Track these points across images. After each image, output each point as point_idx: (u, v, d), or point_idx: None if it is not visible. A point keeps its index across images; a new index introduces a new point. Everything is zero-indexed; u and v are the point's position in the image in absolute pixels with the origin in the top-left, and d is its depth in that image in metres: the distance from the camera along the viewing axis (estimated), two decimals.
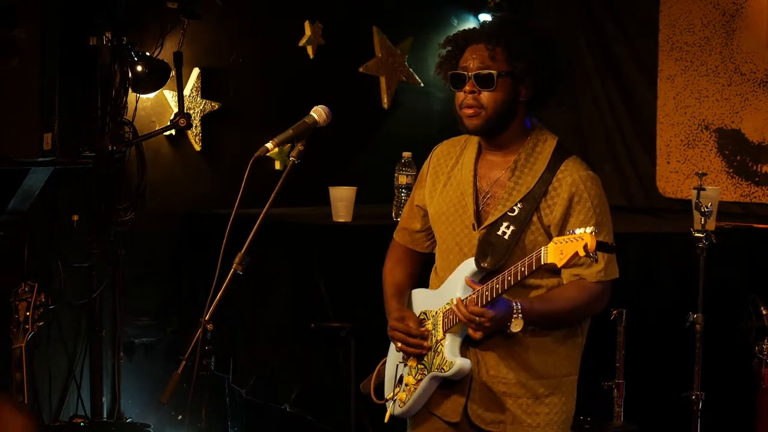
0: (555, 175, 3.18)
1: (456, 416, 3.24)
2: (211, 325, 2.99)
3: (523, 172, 3.21)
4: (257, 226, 2.99)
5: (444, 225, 3.30)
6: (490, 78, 3.18)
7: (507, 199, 3.20)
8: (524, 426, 3.21)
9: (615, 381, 4.53)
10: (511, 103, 3.21)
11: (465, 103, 3.21)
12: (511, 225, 3.15)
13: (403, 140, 5.93)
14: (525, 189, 3.19)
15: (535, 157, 3.23)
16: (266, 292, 5.10)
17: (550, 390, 3.23)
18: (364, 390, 3.52)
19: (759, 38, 5.82)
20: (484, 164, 3.29)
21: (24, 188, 4.82)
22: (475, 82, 3.19)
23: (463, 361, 3.17)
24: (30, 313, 4.45)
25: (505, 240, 3.14)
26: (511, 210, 3.17)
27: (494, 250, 3.14)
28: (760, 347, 4.61)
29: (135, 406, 5.55)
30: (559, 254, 2.90)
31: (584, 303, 3.19)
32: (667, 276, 4.96)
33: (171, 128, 5.53)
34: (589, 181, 3.19)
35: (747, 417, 4.68)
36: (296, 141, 3.07)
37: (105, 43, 5.24)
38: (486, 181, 3.27)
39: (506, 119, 3.22)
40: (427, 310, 3.31)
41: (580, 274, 3.17)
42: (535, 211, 3.16)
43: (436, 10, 6.59)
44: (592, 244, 2.85)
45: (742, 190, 5.88)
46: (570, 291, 3.18)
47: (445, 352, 3.19)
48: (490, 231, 3.18)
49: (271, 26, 5.97)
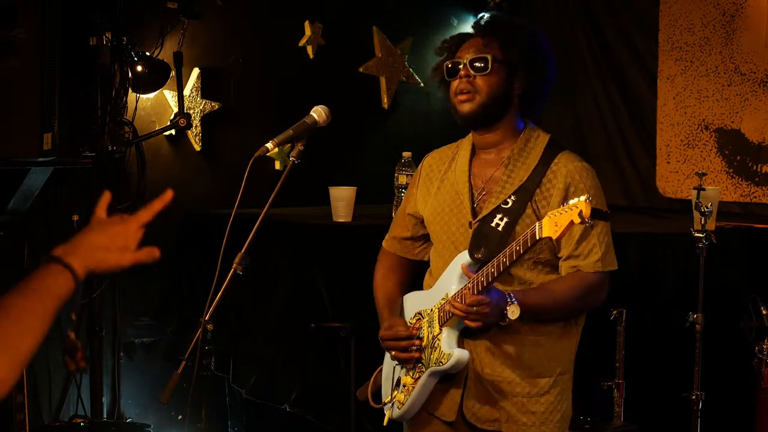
0: (549, 167, 3.19)
1: (452, 414, 3.23)
2: (211, 325, 2.99)
3: (516, 166, 3.22)
4: (257, 226, 2.98)
5: (439, 225, 3.30)
6: (485, 61, 3.19)
7: (500, 191, 3.20)
8: (519, 424, 3.20)
9: (615, 381, 4.52)
10: (504, 90, 3.21)
11: (459, 89, 3.22)
12: (505, 216, 3.15)
13: (403, 140, 5.94)
14: (518, 181, 3.19)
15: (527, 151, 3.24)
16: (266, 292, 5.10)
17: (546, 389, 3.22)
18: (360, 397, 3.51)
19: (759, 38, 5.82)
20: (478, 163, 3.30)
21: (24, 188, 4.82)
22: (470, 66, 3.20)
23: (460, 352, 3.15)
24: None
25: (498, 231, 3.14)
26: (505, 202, 3.18)
27: (488, 242, 3.13)
28: (760, 347, 4.61)
29: (135, 406, 5.55)
30: (554, 226, 2.88)
31: (581, 293, 3.17)
32: (667, 276, 4.96)
33: (171, 128, 5.53)
34: (584, 171, 3.20)
35: (747, 417, 4.68)
36: (296, 141, 3.07)
37: (105, 43, 5.24)
38: (480, 178, 3.27)
39: (499, 108, 3.22)
40: (422, 310, 3.30)
41: (578, 266, 3.16)
42: (530, 202, 3.16)
43: (436, 10, 6.59)
44: (586, 210, 2.82)
45: (742, 190, 5.88)
46: (566, 281, 3.17)
47: (443, 345, 3.17)
48: (484, 223, 3.18)
49: (271, 26, 5.97)
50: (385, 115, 6.41)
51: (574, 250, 3.16)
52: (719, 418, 4.74)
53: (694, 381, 4.52)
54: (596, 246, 3.15)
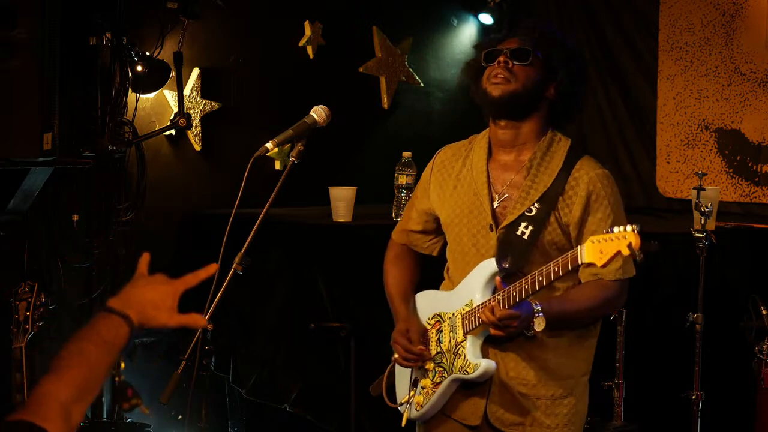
0: (571, 173, 3.17)
1: (476, 419, 3.23)
2: (211, 325, 2.99)
3: (539, 171, 3.19)
4: (257, 226, 2.98)
5: (458, 227, 3.27)
6: (527, 53, 3.16)
7: (525, 198, 3.17)
8: (543, 427, 3.20)
9: (615, 381, 4.53)
10: (539, 87, 3.18)
11: (494, 73, 3.17)
12: (530, 225, 3.14)
13: (403, 140, 5.95)
14: (542, 187, 3.17)
15: (550, 155, 3.21)
16: (266, 292, 5.10)
17: (569, 390, 3.23)
18: (374, 392, 3.49)
19: (759, 38, 5.82)
20: (496, 166, 3.26)
21: (24, 188, 4.82)
22: (510, 55, 3.17)
23: (488, 362, 3.15)
24: (30, 313, 4.44)
25: (524, 240, 3.13)
26: (529, 210, 3.16)
27: (514, 251, 3.13)
28: (760, 347, 4.61)
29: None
30: (599, 253, 2.85)
31: (602, 302, 3.18)
32: (667, 276, 4.96)
33: (171, 128, 5.53)
34: (605, 179, 3.19)
35: (747, 417, 4.69)
36: (296, 141, 3.06)
37: (105, 43, 5.25)
38: (500, 182, 3.24)
39: (530, 103, 3.19)
40: (442, 312, 3.28)
41: (599, 274, 3.15)
42: (553, 211, 3.15)
43: (436, 10, 6.59)
44: (636, 242, 2.78)
45: (742, 190, 5.88)
46: (588, 290, 3.17)
47: (468, 354, 3.17)
48: (509, 231, 3.16)
49: (271, 26, 5.97)
50: (385, 115, 6.41)
51: None
52: (719, 418, 4.75)
53: (694, 381, 4.52)
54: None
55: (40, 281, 4.64)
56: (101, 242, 5.36)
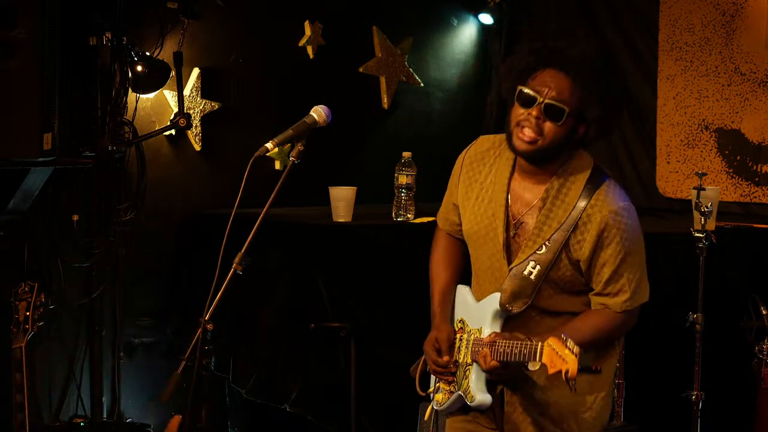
0: (585, 209, 3.12)
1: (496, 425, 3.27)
2: (211, 325, 2.99)
3: (554, 204, 3.15)
4: (257, 226, 2.99)
5: (476, 245, 3.28)
6: (561, 113, 3.07)
7: (537, 235, 3.15)
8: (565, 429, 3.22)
9: (615, 381, 4.52)
10: (568, 139, 3.12)
11: (524, 124, 3.09)
12: (538, 264, 3.13)
13: (403, 140, 5.95)
14: (556, 224, 3.14)
15: (567, 186, 3.16)
16: (266, 292, 5.10)
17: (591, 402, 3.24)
18: (412, 374, 3.50)
19: (759, 38, 5.82)
20: (517, 185, 3.22)
21: (24, 188, 4.82)
22: (544, 111, 3.08)
23: (483, 396, 3.19)
24: (30, 313, 4.45)
25: (531, 281, 3.14)
26: (540, 248, 3.14)
27: (520, 293, 3.15)
28: (760, 347, 4.61)
29: (135, 406, 5.55)
30: (550, 361, 2.91)
31: (607, 332, 3.20)
32: (667, 276, 4.96)
33: (171, 128, 5.53)
34: (619, 215, 3.13)
35: (747, 417, 4.69)
36: (296, 141, 3.07)
37: (105, 43, 5.25)
38: (518, 204, 3.21)
39: (557, 152, 3.15)
40: (465, 320, 3.31)
41: (606, 303, 3.16)
42: (563, 249, 3.13)
43: (436, 10, 6.59)
44: (573, 370, 2.84)
45: (742, 190, 5.88)
46: (593, 319, 3.18)
47: (471, 383, 3.21)
48: (518, 269, 3.17)
49: (271, 26, 5.97)
50: (385, 115, 6.41)
51: (603, 289, 3.15)
52: (719, 418, 4.75)
53: (694, 381, 4.53)
54: (625, 286, 3.14)
55: (40, 281, 4.65)
56: (101, 242, 5.36)
